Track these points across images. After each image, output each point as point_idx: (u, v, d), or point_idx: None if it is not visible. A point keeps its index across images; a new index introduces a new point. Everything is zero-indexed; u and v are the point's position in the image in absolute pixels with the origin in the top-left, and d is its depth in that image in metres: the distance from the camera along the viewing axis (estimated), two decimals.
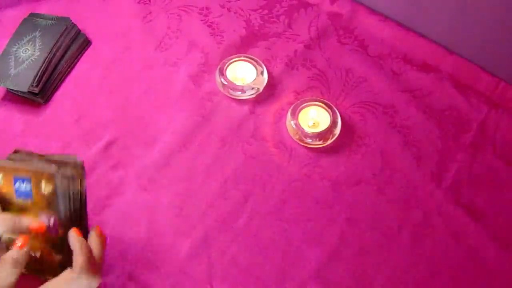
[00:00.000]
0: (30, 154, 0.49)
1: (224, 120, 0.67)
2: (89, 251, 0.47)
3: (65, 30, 0.70)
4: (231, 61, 0.68)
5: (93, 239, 0.49)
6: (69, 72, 0.72)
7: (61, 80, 0.71)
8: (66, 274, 0.45)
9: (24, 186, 0.46)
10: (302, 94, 0.69)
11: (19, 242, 0.45)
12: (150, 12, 0.76)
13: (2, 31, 0.74)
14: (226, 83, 0.67)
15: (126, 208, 0.61)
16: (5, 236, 0.46)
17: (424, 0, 0.67)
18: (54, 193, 0.46)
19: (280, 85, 0.70)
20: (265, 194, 0.62)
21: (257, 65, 0.68)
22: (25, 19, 0.72)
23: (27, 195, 0.46)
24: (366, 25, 0.73)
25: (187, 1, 0.77)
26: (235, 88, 0.67)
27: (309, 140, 0.64)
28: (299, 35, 0.73)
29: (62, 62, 0.70)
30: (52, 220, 0.47)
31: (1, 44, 0.71)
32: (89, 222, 0.61)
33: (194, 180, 0.63)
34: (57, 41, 0.69)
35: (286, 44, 0.73)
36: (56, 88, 0.70)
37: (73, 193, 0.47)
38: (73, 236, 0.47)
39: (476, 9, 0.62)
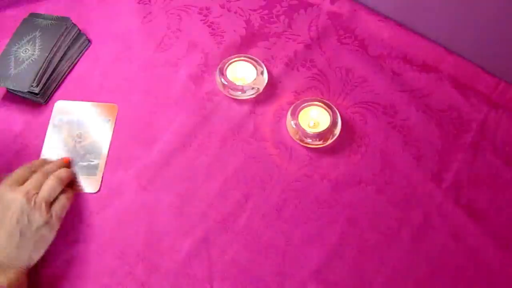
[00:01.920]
0: None
1: (224, 120, 0.67)
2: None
3: (65, 30, 0.70)
4: (231, 61, 0.68)
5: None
6: (69, 72, 0.72)
7: (61, 80, 0.71)
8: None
9: None
10: (302, 94, 0.69)
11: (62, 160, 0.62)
12: (150, 12, 0.76)
13: (2, 31, 0.74)
14: (226, 83, 0.67)
15: (126, 208, 0.61)
16: None
17: (424, 0, 0.67)
18: None
19: (280, 85, 0.70)
20: (265, 194, 0.62)
21: (257, 65, 0.68)
22: (25, 19, 0.72)
23: None
24: (366, 25, 0.73)
25: (187, 1, 0.77)
26: (235, 88, 0.67)
27: (309, 140, 0.64)
28: (299, 35, 0.73)
29: (62, 62, 0.70)
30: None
31: (1, 44, 0.71)
32: (89, 221, 0.62)
33: (194, 180, 0.63)
34: (57, 41, 0.69)
35: (286, 44, 0.73)
36: (56, 88, 0.70)
37: None
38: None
39: (476, 9, 0.62)
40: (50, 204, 0.56)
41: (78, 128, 0.66)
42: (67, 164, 0.63)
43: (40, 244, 0.54)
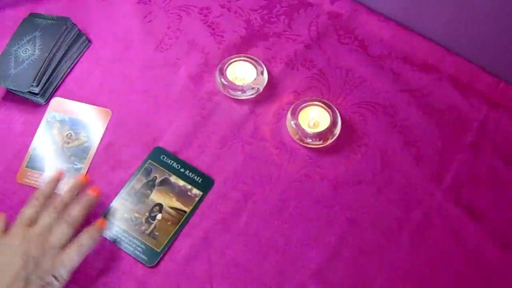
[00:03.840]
0: None
1: (224, 120, 0.67)
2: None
3: (65, 30, 0.70)
4: (231, 61, 0.68)
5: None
6: (69, 72, 0.72)
7: (61, 80, 0.71)
8: None
9: None
10: (302, 94, 0.69)
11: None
12: (150, 12, 0.76)
13: (2, 31, 0.74)
14: (226, 83, 0.67)
15: None
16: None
17: (424, 0, 0.67)
18: None
19: (280, 85, 0.70)
20: (265, 194, 0.62)
21: (257, 65, 0.68)
22: (25, 19, 0.72)
23: None
24: (366, 25, 0.73)
25: (187, 1, 0.77)
26: (235, 88, 0.67)
27: (309, 140, 0.64)
28: (299, 35, 0.73)
29: (62, 62, 0.70)
30: None
31: (1, 44, 0.71)
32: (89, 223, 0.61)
33: None
34: (57, 41, 0.69)
35: (286, 44, 0.73)
36: (56, 88, 0.70)
37: None
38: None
39: (476, 9, 0.62)
40: (62, 250, 0.52)
41: (69, 128, 0.66)
42: (85, 183, 0.58)
43: None
